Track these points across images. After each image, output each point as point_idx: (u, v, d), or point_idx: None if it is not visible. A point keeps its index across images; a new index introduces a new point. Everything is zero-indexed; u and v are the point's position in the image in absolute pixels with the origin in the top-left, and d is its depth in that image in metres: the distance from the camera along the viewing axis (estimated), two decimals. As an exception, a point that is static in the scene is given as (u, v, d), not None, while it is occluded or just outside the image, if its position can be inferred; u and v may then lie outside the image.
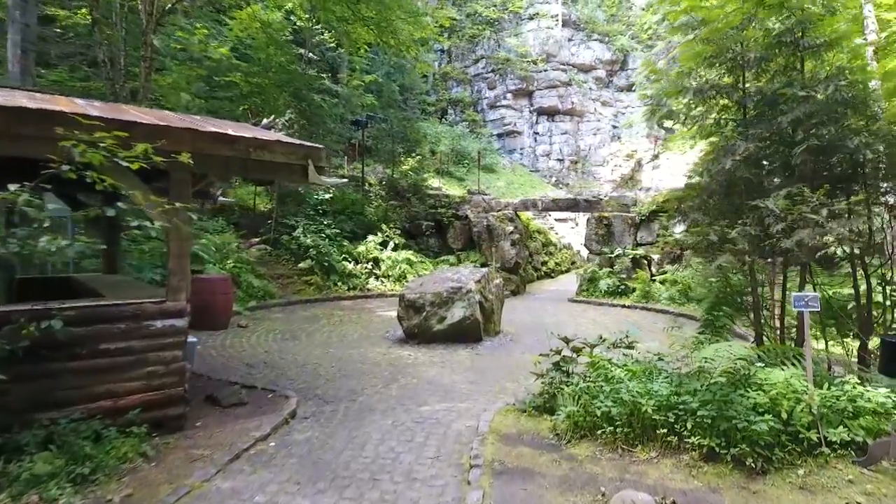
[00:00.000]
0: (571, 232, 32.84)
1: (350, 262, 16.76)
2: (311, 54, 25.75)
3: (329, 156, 26.83)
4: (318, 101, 24.32)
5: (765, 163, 7.37)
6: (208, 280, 11.06)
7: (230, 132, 5.35)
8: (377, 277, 16.85)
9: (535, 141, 40.14)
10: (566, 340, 6.06)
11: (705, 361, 5.08)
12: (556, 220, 34.89)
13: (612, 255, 15.60)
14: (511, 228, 16.92)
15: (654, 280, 14.67)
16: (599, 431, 4.86)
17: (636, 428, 4.77)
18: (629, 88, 41.92)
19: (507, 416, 5.87)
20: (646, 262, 15.59)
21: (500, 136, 40.05)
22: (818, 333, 6.88)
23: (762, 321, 7.38)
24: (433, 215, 18.76)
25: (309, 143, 5.96)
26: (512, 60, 39.25)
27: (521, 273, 17.48)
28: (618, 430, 4.79)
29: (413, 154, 19.23)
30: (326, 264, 16.02)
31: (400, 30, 19.12)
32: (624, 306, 14.21)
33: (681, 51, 8.32)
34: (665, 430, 4.65)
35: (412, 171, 19.08)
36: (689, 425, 4.56)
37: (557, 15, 40.61)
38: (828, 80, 6.04)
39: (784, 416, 4.36)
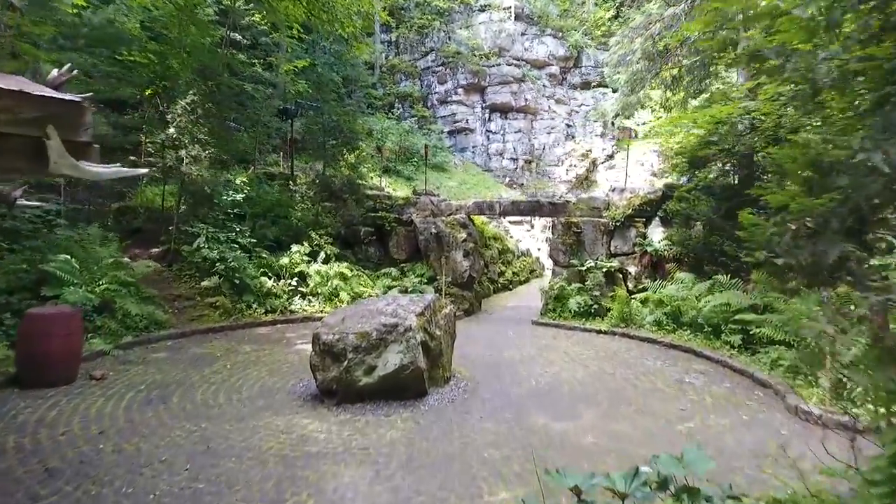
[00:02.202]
0: (527, 236, 30.36)
1: (270, 279, 13.52)
2: (240, 37, 22.27)
3: (262, 151, 23.45)
4: (248, 89, 21.04)
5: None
6: (41, 318, 7.70)
7: None
8: (303, 296, 13.67)
9: (488, 139, 37.53)
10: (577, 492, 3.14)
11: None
12: (510, 222, 32.37)
13: (583, 268, 12.98)
14: (464, 236, 14.07)
15: (633, 297, 12.11)
16: None
17: None
18: (583, 86, 39.91)
19: None
20: (621, 275, 13.04)
21: (451, 133, 37.24)
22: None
23: None
24: (373, 220, 15.70)
25: (57, 95, 2.86)
26: (463, 54, 36.47)
27: (475, 288, 14.67)
28: None
29: (351, 149, 16.07)
30: (238, 282, 12.74)
31: (334, 2, 16.01)
32: (600, 332, 11.57)
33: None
34: None
35: (348, 169, 15.95)
36: None
37: (510, 7, 38.11)
38: None
39: None
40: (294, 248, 13.97)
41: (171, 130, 13.27)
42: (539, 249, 27.68)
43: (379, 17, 37.47)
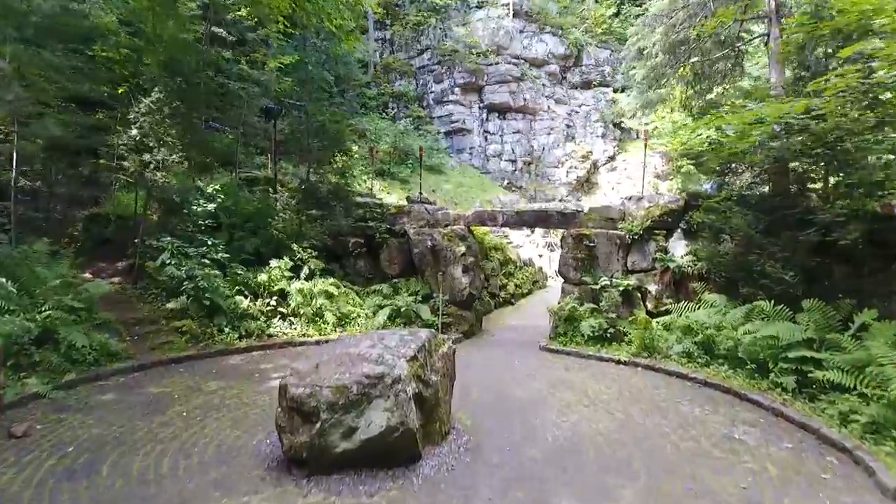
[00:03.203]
0: (527, 241, 28.90)
1: (246, 298, 11.98)
2: (225, 33, 20.76)
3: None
4: (233, 87, 19.51)
5: None
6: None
7: None
8: (284, 318, 12.13)
9: (486, 140, 36.03)
10: None
11: None
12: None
13: (597, 286, 11.49)
14: (463, 250, 12.55)
15: (655, 321, 10.61)
16: None
17: None
18: (584, 85, 38.45)
19: None
20: (639, 295, 11.56)
21: (447, 133, 35.72)
22: None
23: None
24: (363, 230, 14.15)
25: None
26: (460, 52, 34.96)
27: (475, 307, 13.16)
28: None
29: (338, 153, 14.51)
30: (208, 303, 11.19)
31: (319, -9, 14.50)
32: (619, 362, 10.07)
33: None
34: None
35: (335, 175, 14.40)
36: None
37: (508, 4, 36.62)
38: None
39: None
40: (273, 263, 12.42)
41: (134, 132, 11.73)
42: (540, 256, 26.19)
43: (372, 13, 35.96)
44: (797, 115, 8.01)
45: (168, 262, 11.24)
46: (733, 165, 10.43)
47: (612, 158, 37.72)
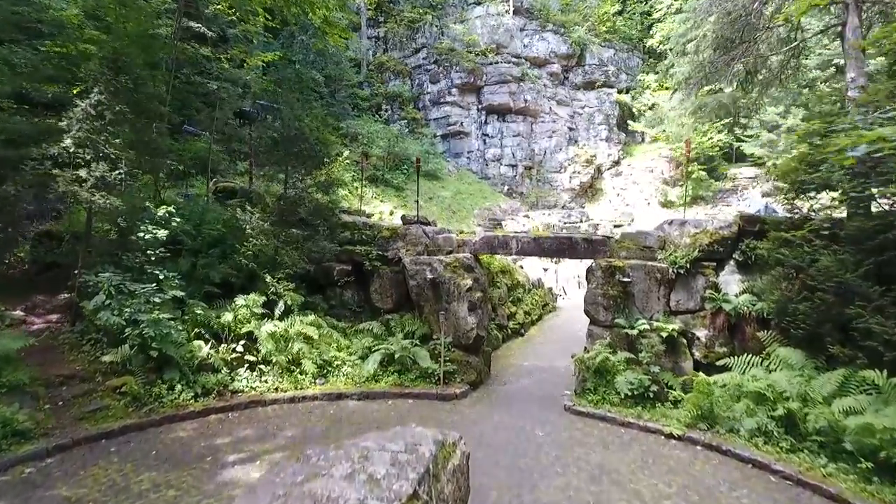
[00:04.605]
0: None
1: (206, 343, 9.71)
2: (203, 28, 18.45)
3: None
4: (210, 87, 17.34)
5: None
6: None
7: None
8: (252, 367, 9.86)
9: (485, 143, 33.80)
10: None
11: None
12: (510, 236, 28.68)
13: (633, 331, 9.31)
14: (469, 283, 10.31)
15: (712, 379, 8.39)
16: None
17: None
18: (586, 86, 36.29)
19: None
20: (685, 341, 9.38)
21: (444, 137, 33.46)
22: None
23: None
24: (350, 255, 11.90)
25: None
26: (457, 51, 32.70)
27: (483, 349, 10.94)
28: None
29: (320, 164, 12.22)
30: (156, 353, 8.90)
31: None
32: (671, 436, 7.88)
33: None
34: None
35: (318, 190, 12.13)
36: None
37: (508, 0, 34.37)
38: None
39: None
40: (240, 300, 10.14)
41: (68, 142, 9.43)
42: (545, 270, 23.97)
43: (365, 9, 33.69)
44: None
45: (105, 304, 8.94)
46: (805, 182, 8.24)
47: (616, 163, 35.61)
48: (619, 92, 36.23)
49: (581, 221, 29.73)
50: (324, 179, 12.01)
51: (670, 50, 12.19)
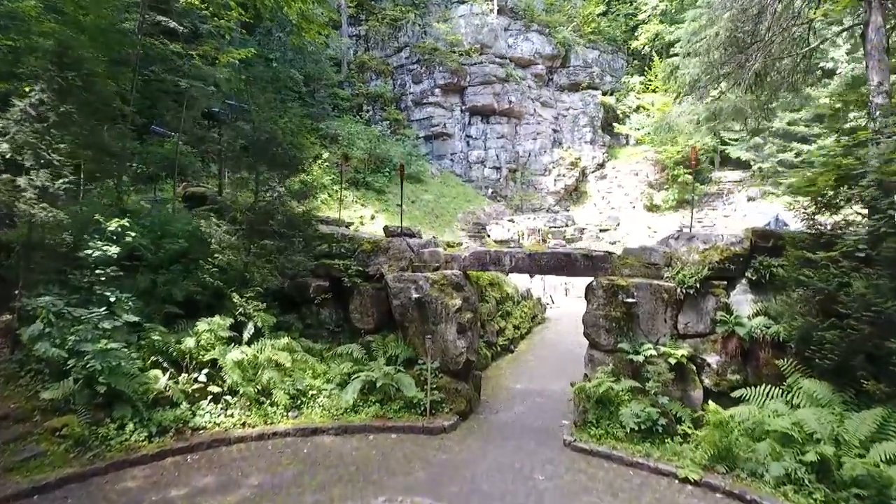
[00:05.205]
0: (515, 257, 25.71)
1: (165, 373, 8.60)
2: (174, 24, 17.17)
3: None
4: (182, 85, 16.07)
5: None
6: None
7: None
8: (217, 399, 8.76)
9: (468, 145, 32.84)
10: None
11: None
12: (494, 241, 27.75)
13: (639, 356, 8.45)
14: (458, 303, 9.35)
15: (729, 414, 7.54)
16: None
17: None
18: (571, 88, 35.57)
19: None
20: (694, 367, 8.55)
21: (427, 138, 32.42)
22: None
23: None
24: (327, 269, 10.85)
25: None
26: (441, 50, 31.69)
27: (473, 373, 9.98)
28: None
29: (294, 171, 11.13)
30: (104, 389, 7.77)
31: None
32: (686, 480, 7.01)
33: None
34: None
35: (292, 199, 11.05)
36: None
37: (493, -1, 33.48)
38: None
39: None
40: (202, 325, 9.01)
41: (4, 146, 8.24)
42: (531, 278, 23.06)
43: (346, 7, 32.51)
44: None
45: (44, 332, 7.78)
46: (831, 197, 7.45)
47: (601, 166, 34.97)
48: (604, 94, 35.60)
49: (566, 225, 28.97)
50: (298, 188, 10.93)
51: (685, 47, 11.15)
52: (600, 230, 29.39)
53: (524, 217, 29.14)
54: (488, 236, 27.57)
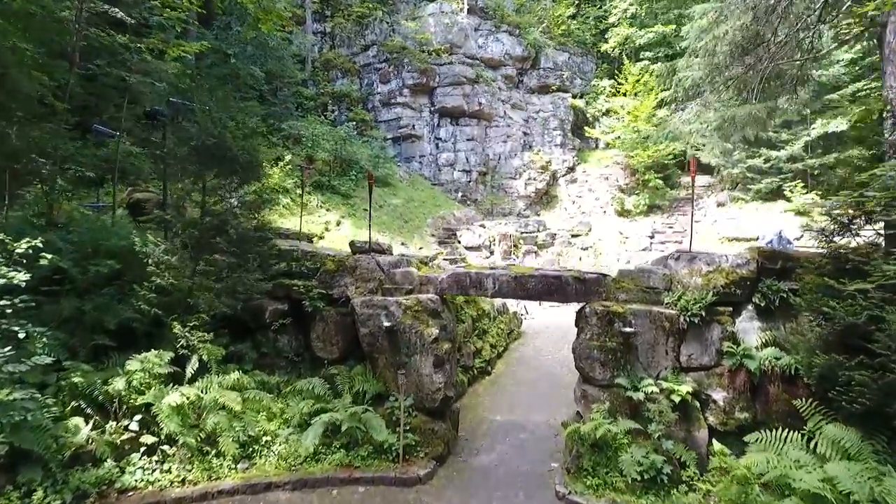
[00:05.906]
0: (487, 264, 24.70)
1: (88, 422, 7.17)
2: (121, 14, 15.40)
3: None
4: (130, 80, 14.38)
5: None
6: None
7: None
8: (151, 451, 7.38)
9: (438, 147, 31.69)
10: None
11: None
12: (465, 248, 26.67)
13: (638, 393, 7.48)
14: (435, 332, 8.20)
15: (743, 465, 6.62)
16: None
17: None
18: (541, 90, 34.79)
19: None
20: (698, 404, 7.64)
21: (395, 140, 31.12)
22: None
23: None
24: (286, 290, 9.54)
25: None
26: (409, 49, 30.43)
27: (451, 411, 8.86)
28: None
29: (247, 181, 9.74)
30: (8, 447, 6.32)
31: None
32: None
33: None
34: None
35: (247, 210, 9.69)
36: None
37: (463, -2, 32.38)
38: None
39: None
40: (133, 363, 7.60)
41: None
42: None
43: (310, 2, 30.91)
44: None
45: (-73, 381, 6.28)
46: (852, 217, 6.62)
47: (571, 169, 34.31)
48: (574, 97, 34.98)
49: (538, 230, 28.17)
50: (252, 199, 9.58)
51: (694, 48, 10.16)
52: (572, 235, 28.70)
53: (495, 222, 28.18)
54: (459, 242, 26.51)
